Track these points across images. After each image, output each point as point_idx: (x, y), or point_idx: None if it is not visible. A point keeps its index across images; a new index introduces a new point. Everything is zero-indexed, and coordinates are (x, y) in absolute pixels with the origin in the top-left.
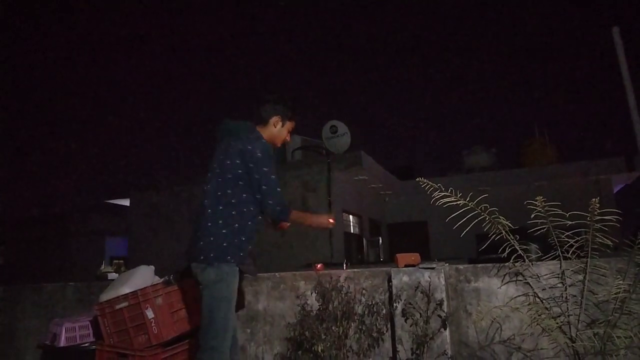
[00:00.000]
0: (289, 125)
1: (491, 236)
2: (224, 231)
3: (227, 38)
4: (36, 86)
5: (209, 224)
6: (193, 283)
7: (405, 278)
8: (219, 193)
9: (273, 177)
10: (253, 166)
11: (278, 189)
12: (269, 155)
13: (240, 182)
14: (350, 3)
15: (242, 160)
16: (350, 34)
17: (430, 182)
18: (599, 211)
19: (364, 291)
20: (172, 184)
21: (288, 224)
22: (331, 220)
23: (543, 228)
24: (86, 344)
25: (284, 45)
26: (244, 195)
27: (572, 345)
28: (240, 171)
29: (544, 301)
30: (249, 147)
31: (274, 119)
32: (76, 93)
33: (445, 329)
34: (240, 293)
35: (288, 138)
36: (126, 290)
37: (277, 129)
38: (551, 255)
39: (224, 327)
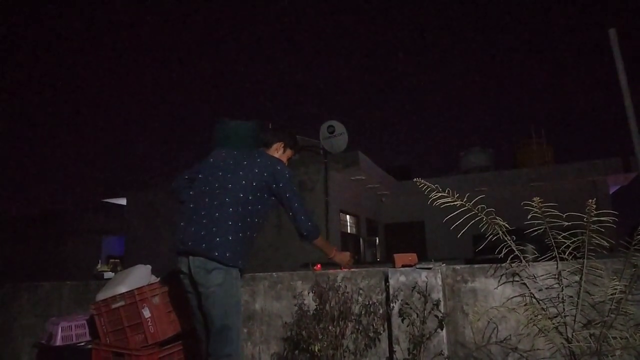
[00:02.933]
0: (289, 152)
1: (488, 237)
2: (240, 235)
3: (226, 39)
4: (34, 86)
5: (230, 223)
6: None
7: (402, 278)
8: (241, 195)
9: (301, 196)
10: (283, 185)
11: (307, 208)
12: (294, 177)
13: (258, 194)
14: (349, 3)
15: (269, 175)
16: (349, 35)
17: (427, 183)
18: (595, 212)
19: (361, 291)
20: (168, 183)
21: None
22: (350, 263)
23: (540, 229)
24: (82, 343)
25: (283, 46)
26: (260, 207)
27: (569, 346)
28: (264, 184)
29: (540, 302)
30: (279, 167)
31: (277, 144)
32: (74, 92)
33: (442, 329)
34: None
35: (286, 165)
36: (123, 289)
37: (278, 155)
38: (548, 256)
39: (238, 332)
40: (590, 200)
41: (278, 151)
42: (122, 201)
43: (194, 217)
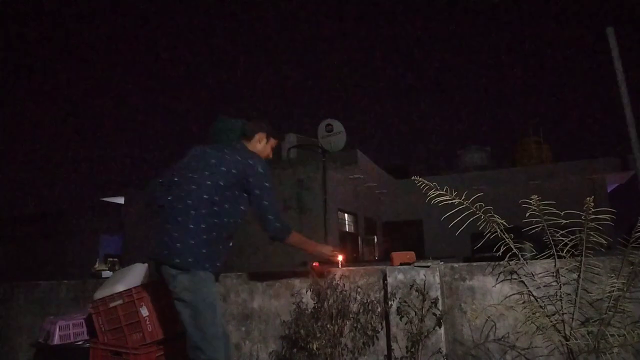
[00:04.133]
0: (272, 142)
1: (486, 235)
2: (205, 237)
3: (224, 37)
4: (32, 86)
5: (191, 226)
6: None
7: (400, 276)
8: (206, 197)
9: (273, 194)
10: (253, 181)
11: (278, 206)
12: (269, 173)
13: (228, 192)
14: (347, 2)
15: (239, 172)
16: (347, 33)
17: (425, 181)
18: (593, 210)
19: (359, 289)
20: None
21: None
22: (335, 256)
23: (538, 227)
24: (80, 342)
25: (281, 44)
26: (228, 205)
27: (566, 344)
28: (233, 181)
29: (538, 300)
30: (250, 162)
31: (259, 135)
32: (72, 92)
33: (440, 327)
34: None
35: (271, 155)
36: (121, 288)
37: (261, 145)
38: (546, 254)
39: (215, 335)
40: (588, 198)
41: (261, 142)
42: (120, 200)
43: (163, 223)
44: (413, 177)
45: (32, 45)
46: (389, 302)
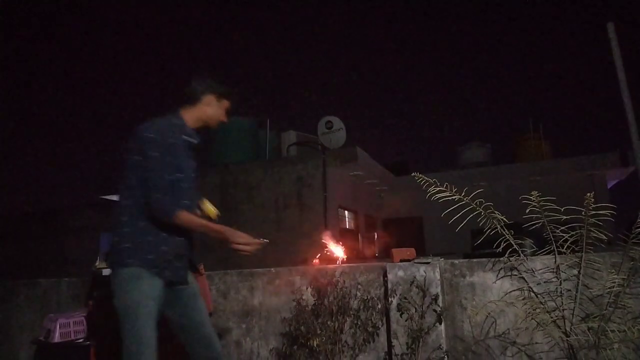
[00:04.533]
0: (225, 103)
1: (486, 231)
2: (126, 230)
3: (223, 33)
4: (28, 82)
5: (115, 223)
6: None
7: (400, 273)
8: (122, 186)
9: (160, 164)
10: (142, 150)
11: (165, 178)
12: (163, 139)
13: (141, 171)
14: None
15: (138, 144)
16: (346, 29)
17: (425, 178)
18: (593, 206)
19: (359, 286)
20: None
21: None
22: (248, 250)
23: (538, 223)
24: (80, 340)
25: (280, 40)
26: None
27: (567, 339)
28: (138, 158)
29: (538, 296)
30: (141, 128)
31: (208, 97)
32: (70, 89)
33: (440, 324)
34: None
35: (224, 118)
36: None
37: (212, 109)
38: (546, 250)
39: (138, 341)
40: (589, 194)
41: (211, 105)
42: None
43: None
44: (413, 174)
45: (28, 40)
46: (389, 299)
